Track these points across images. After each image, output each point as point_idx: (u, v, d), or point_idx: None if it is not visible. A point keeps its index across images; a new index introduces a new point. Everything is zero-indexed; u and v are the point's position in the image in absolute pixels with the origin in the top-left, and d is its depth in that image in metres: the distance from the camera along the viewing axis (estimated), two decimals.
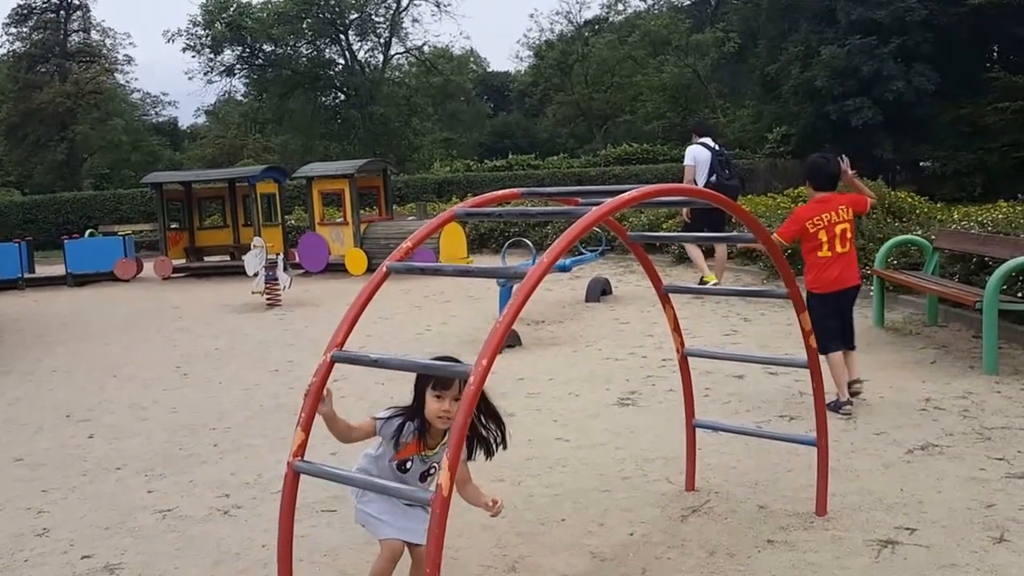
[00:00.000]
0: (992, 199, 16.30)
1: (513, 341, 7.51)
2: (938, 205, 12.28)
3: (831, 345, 5.16)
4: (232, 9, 41.60)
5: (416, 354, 6.54)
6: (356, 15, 42.93)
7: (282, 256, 12.03)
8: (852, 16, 29.13)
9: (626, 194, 2.61)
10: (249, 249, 11.62)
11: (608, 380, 6.22)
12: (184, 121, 59.09)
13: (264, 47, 43.03)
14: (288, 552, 2.58)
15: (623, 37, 43.69)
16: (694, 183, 9.44)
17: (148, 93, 52.34)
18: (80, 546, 3.79)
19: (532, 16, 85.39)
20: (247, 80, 44.99)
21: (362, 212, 15.75)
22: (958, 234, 7.71)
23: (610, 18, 48.68)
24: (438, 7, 47.05)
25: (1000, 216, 8.92)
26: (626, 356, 7.00)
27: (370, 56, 45.29)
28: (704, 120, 23.92)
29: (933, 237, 7.86)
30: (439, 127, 46.53)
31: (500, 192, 3.06)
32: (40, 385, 7.42)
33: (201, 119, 53.61)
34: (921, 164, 32.96)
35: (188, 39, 42.44)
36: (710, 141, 10.02)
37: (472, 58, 53.31)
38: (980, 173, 27.75)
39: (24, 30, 42.28)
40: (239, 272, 13.39)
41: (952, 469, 4.07)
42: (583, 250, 11.70)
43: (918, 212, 10.70)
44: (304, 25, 42.20)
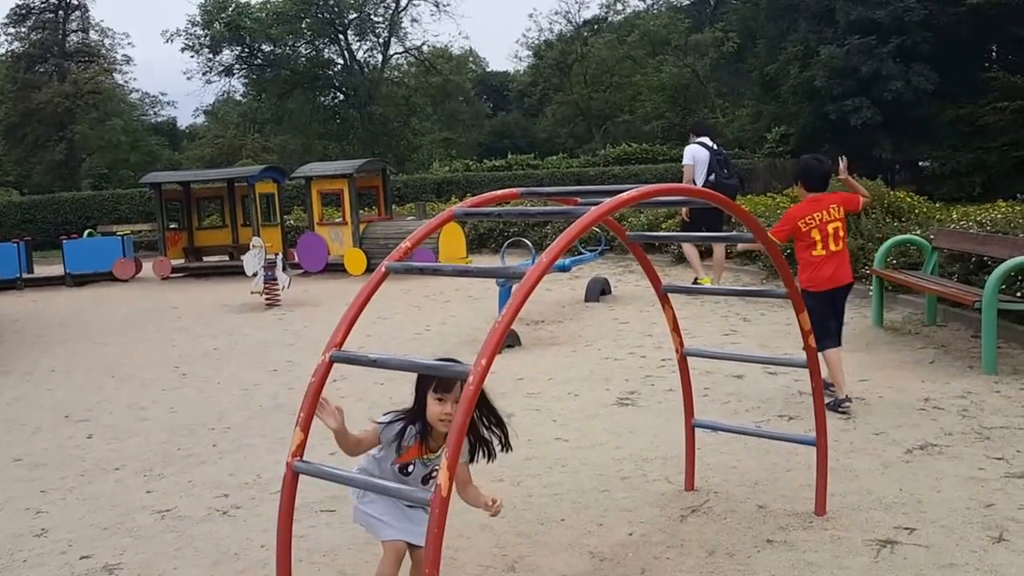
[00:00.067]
0: (991, 199, 16.31)
1: (512, 341, 7.52)
2: (937, 205, 12.27)
3: (828, 343, 5.17)
4: (231, 9, 41.58)
5: (415, 354, 6.55)
6: (355, 15, 42.91)
7: (281, 256, 12.03)
8: (851, 16, 29.12)
9: (625, 194, 2.61)
10: (248, 249, 11.62)
11: (607, 380, 6.22)
12: (183, 121, 59.17)
13: (263, 47, 43.00)
14: (287, 552, 2.58)
15: (622, 37, 43.68)
16: (693, 183, 9.45)
17: (147, 93, 52.49)
18: (79, 546, 3.79)
19: (531, 16, 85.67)
20: (246, 80, 44.98)
21: (361, 212, 15.75)
22: (957, 234, 7.71)
23: (609, 18, 48.70)
24: (437, 7, 47.09)
25: (999, 216, 8.92)
26: (625, 356, 7.00)
27: (369, 56, 45.35)
28: (702, 120, 23.91)
29: (932, 237, 7.86)
30: (438, 127, 46.51)
31: (499, 192, 3.06)
32: (39, 385, 7.42)
33: (200, 119, 53.74)
34: (920, 164, 32.95)
35: (187, 39, 42.47)
36: (708, 140, 10.02)
37: (471, 58, 53.33)
38: (979, 173, 27.74)
39: (23, 30, 42.30)
40: (238, 272, 13.39)
41: (951, 469, 4.07)
42: (582, 250, 11.71)
43: (917, 212, 10.69)
44: (303, 25, 42.18)
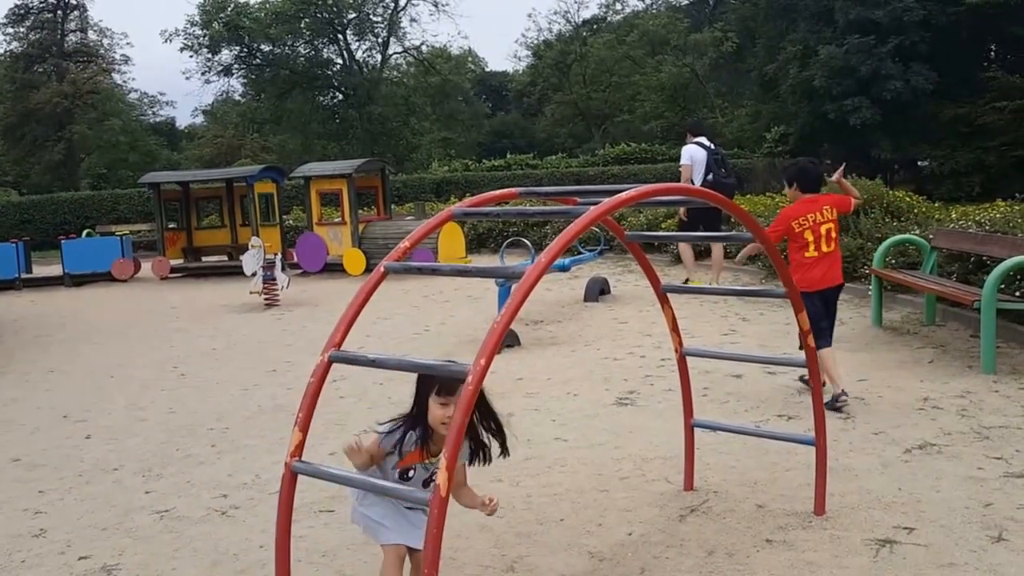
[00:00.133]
0: (990, 198, 16.33)
1: (512, 341, 7.52)
2: (936, 204, 12.27)
3: (820, 343, 5.14)
4: (230, 9, 41.57)
5: (415, 354, 6.55)
6: (354, 15, 42.92)
7: (280, 256, 12.03)
8: (850, 16, 29.12)
9: (624, 193, 2.61)
10: (247, 249, 11.62)
11: (607, 380, 6.21)
12: (182, 121, 59.11)
13: (262, 47, 42.99)
14: (286, 553, 2.58)
15: (621, 37, 43.70)
16: (691, 182, 9.46)
17: (145, 93, 52.42)
18: (77, 547, 3.79)
19: (530, 16, 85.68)
20: (245, 80, 44.98)
21: (360, 212, 15.75)
22: (956, 233, 7.72)
23: (608, 18, 48.74)
24: (436, 7, 47.28)
25: (998, 215, 8.92)
26: (625, 356, 7.00)
27: (368, 56, 45.36)
28: (699, 120, 23.85)
29: (931, 236, 7.87)
30: (437, 127, 46.49)
31: (498, 192, 3.06)
32: (37, 386, 7.41)
33: (199, 119, 53.68)
34: (919, 163, 32.95)
35: (185, 39, 42.46)
36: (705, 140, 10.04)
37: (470, 58, 53.32)
38: (978, 172, 27.73)
39: (21, 30, 42.31)
40: (237, 272, 13.39)
41: (950, 468, 4.07)
42: (582, 250, 11.71)
43: (916, 211, 10.69)
44: (302, 25, 42.18)
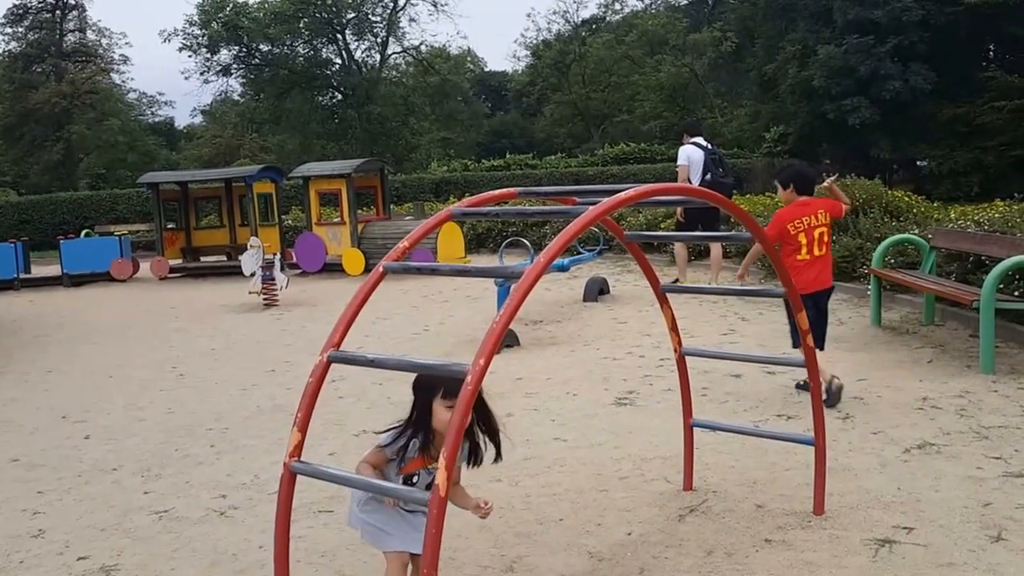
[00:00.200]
0: (989, 198, 16.34)
1: (511, 341, 7.51)
2: (935, 204, 12.27)
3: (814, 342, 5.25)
4: (228, 9, 41.56)
5: (414, 354, 6.54)
6: (353, 15, 42.91)
7: (279, 256, 12.03)
8: (849, 16, 29.14)
9: (623, 193, 2.61)
10: (246, 249, 11.62)
11: (606, 380, 6.21)
12: (180, 121, 59.10)
13: (261, 47, 42.97)
14: (285, 553, 2.57)
15: (620, 37, 43.71)
16: (688, 182, 9.46)
17: (144, 93, 52.34)
18: (76, 547, 3.78)
19: (529, 16, 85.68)
20: (244, 80, 44.95)
21: (359, 212, 15.74)
22: (955, 233, 7.72)
23: (607, 18, 48.75)
24: (435, 7, 47.18)
25: (997, 215, 8.93)
26: (624, 356, 7.00)
27: (367, 56, 45.35)
28: (696, 121, 23.87)
29: (930, 236, 7.87)
30: (436, 127, 46.48)
31: (497, 192, 3.05)
32: (36, 386, 7.40)
33: (198, 119, 53.67)
34: (918, 163, 32.98)
35: (184, 39, 42.45)
36: (702, 140, 10.06)
37: (469, 58, 53.32)
38: (977, 172, 27.76)
39: (20, 30, 42.29)
40: (236, 272, 13.38)
41: (949, 468, 4.07)
42: (581, 249, 11.70)
43: (915, 211, 10.69)
44: (301, 24, 42.16)
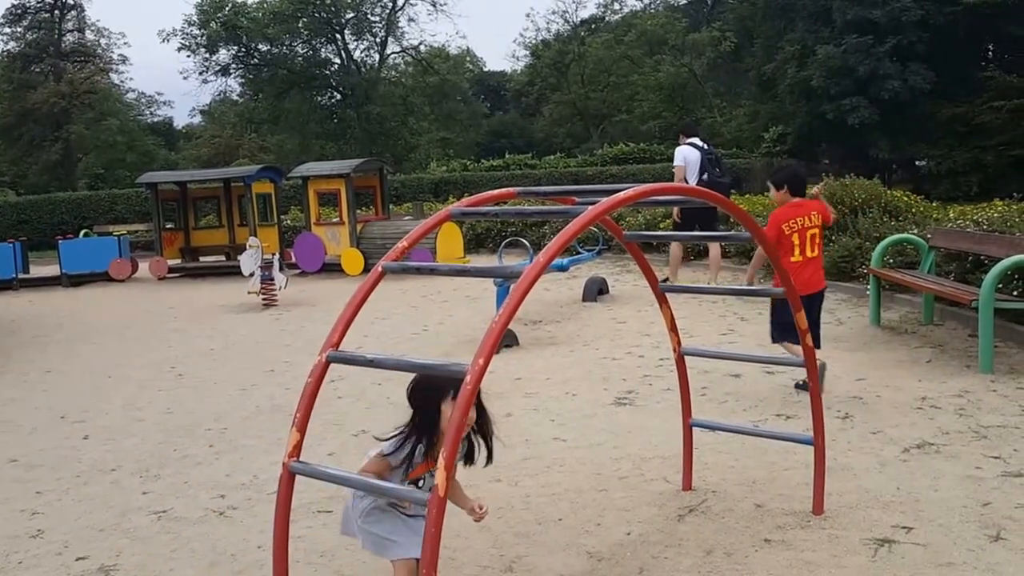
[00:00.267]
0: (988, 198, 16.33)
1: (510, 341, 7.51)
2: (934, 204, 12.28)
3: (790, 338, 5.41)
4: (227, 8, 41.53)
5: (413, 354, 6.54)
6: (352, 14, 42.89)
7: (278, 256, 12.02)
8: (848, 16, 29.16)
9: (622, 193, 2.60)
10: (245, 249, 11.61)
11: (605, 380, 6.21)
12: (179, 121, 59.13)
13: (260, 46, 42.95)
14: (284, 553, 2.57)
15: (619, 36, 43.71)
16: (685, 183, 9.47)
17: (143, 93, 52.32)
18: (75, 548, 3.78)
19: (528, 15, 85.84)
20: (243, 80, 44.94)
21: (358, 212, 15.73)
22: (954, 233, 7.72)
23: (606, 17, 48.78)
24: (434, 6, 47.12)
25: (996, 215, 8.93)
26: (623, 356, 7.00)
27: (366, 56, 45.34)
28: (692, 121, 23.87)
29: (929, 236, 7.87)
30: (435, 127, 46.48)
31: (496, 191, 3.05)
32: (35, 386, 7.40)
33: (196, 119, 53.64)
34: (917, 163, 33.01)
35: (183, 39, 42.42)
36: (698, 141, 10.08)
37: (468, 58, 53.34)
38: (976, 172, 27.77)
39: (18, 30, 42.25)
40: (235, 272, 13.38)
41: (948, 468, 4.07)
42: (580, 249, 11.70)
43: (914, 211, 10.70)
44: (300, 24, 42.14)
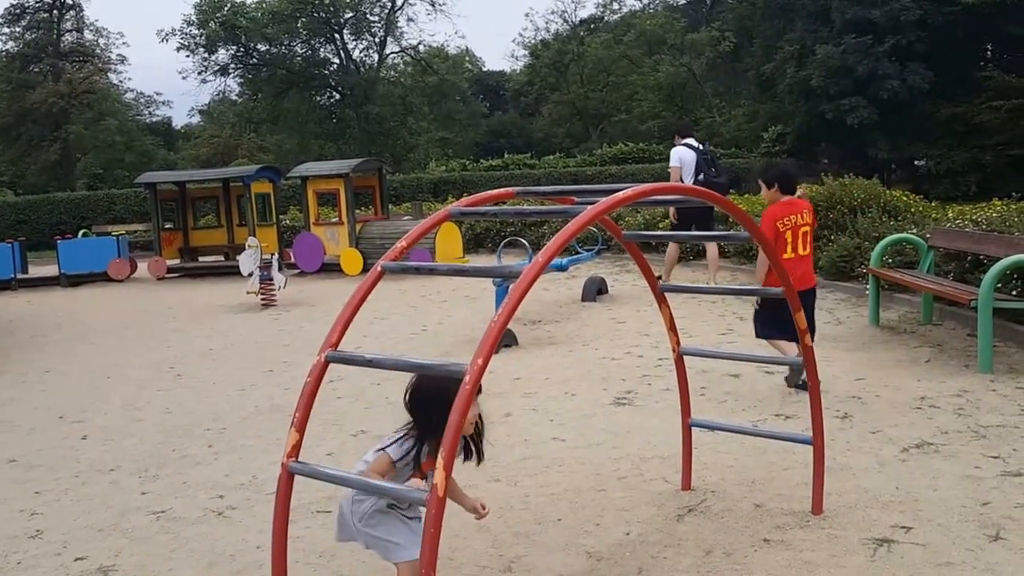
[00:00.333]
0: (987, 197, 16.32)
1: (509, 341, 7.51)
2: (933, 204, 12.29)
3: (772, 334, 5.56)
4: (226, 8, 41.49)
5: (412, 354, 6.54)
6: (351, 14, 42.85)
7: (277, 256, 12.02)
8: (847, 16, 29.17)
9: (621, 193, 2.60)
10: (244, 249, 11.61)
11: (604, 379, 6.21)
12: (178, 121, 59.07)
13: (258, 46, 42.90)
14: (283, 553, 2.57)
15: (619, 36, 43.70)
16: (681, 183, 9.49)
17: (142, 93, 52.24)
18: (73, 548, 3.77)
19: (527, 15, 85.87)
20: (241, 79, 44.88)
21: (357, 212, 15.73)
22: (953, 232, 7.73)
23: (606, 17, 48.76)
24: (433, 6, 47.03)
25: (994, 215, 8.93)
26: (622, 355, 7.00)
27: (365, 55, 45.28)
28: (687, 122, 23.93)
29: (928, 236, 7.87)
30: (435, 127, 46.44)
31: (495, 191, 3.05)
32: (33, 386, 7.39)
33: (195, 119, 53.61)
34: (916, 163, 33.03)
35: (182, 38, 42.35)
36: (694, 142, 10.10)
37: (467, 57, 53.29)
38: (975, 172, 27.79)
39: (17, 30, 42.21)
40: (234, 272, 13.37)
41: (948, 467, 4.07)
42: (579, 249, 11.70)
43: (913, 211, 10.70)
44: (299, 24, 42.09)
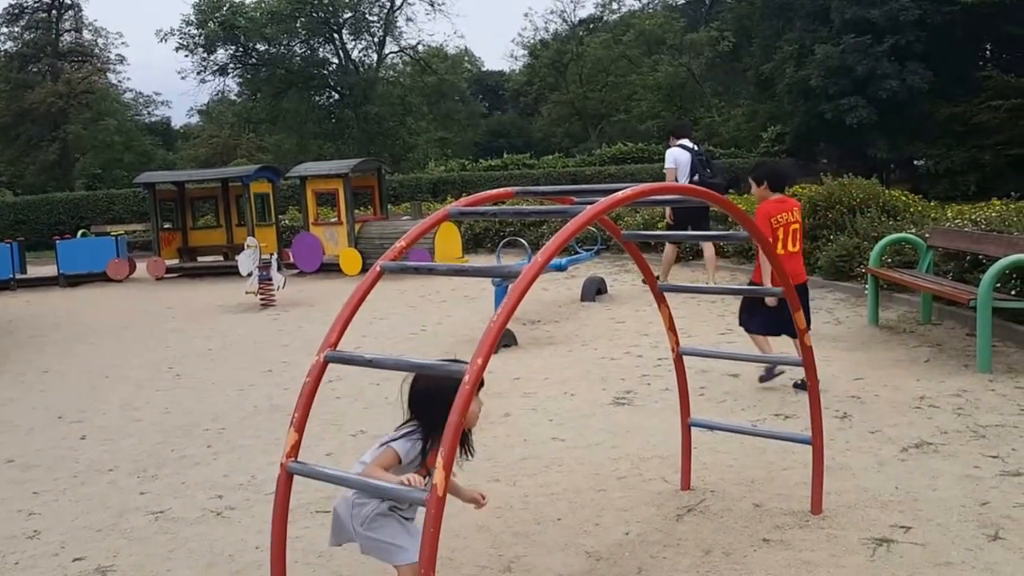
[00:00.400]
0: (986, 197, 16.33)
1: (509, 341, 7.51)
2: (932, 203, 12.28)
3: (754, 328, 5.71)
4: (225, 8, 41.46)
5: (411, 354, 6.54)
6: (350, 14, 42.83)
7: (276, 256, 12.02)
8: (846, 15, 29.18)
9: (620, 193, 2.60)
10: (243, 249, 11.60)
11: (604, 379, 6.21)
12: (177, 121, 59.07)
13: (257, 46, 42.86)
14: (282, 553, 2.57)
15: (618, 36, 43.70)
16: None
17: (141, 93, 52.23)
18: (72, 548, 3.77)
19: (527, 15, 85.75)
20: (240, 79, 44.84)
21: (356, 212, 15.72)
22: (952, 232, 7.73)
23: (605, 17, 48.73)
24: (432, 6, 47.02)
25: (993, 214, 8.93)
26: (622, 355, 7.00)
27: (364, 55, 45.24)
28: (683, 123, 23.99)
29: (927, 235, 7.87)
30: (434, 126, 46.42)
31: (494, 191, 3.05)
32: (32, 386, 7.39)
33: (194, 119, 53.60)
34: (915, 163, 33.05)
35: (181, 38, 42.29)
36: (688, 143, 10.11)
37: (466, 57, 53.29)
38: (974, 171, 27.81)
39: (16, 29, 42.20)
40: (233, 272, 13.37)
41: (947, 467, 4.07)
42: (578, 249, 11.69)
43: (912, 210, 10.70)
44: (297, 24, 42.05)
